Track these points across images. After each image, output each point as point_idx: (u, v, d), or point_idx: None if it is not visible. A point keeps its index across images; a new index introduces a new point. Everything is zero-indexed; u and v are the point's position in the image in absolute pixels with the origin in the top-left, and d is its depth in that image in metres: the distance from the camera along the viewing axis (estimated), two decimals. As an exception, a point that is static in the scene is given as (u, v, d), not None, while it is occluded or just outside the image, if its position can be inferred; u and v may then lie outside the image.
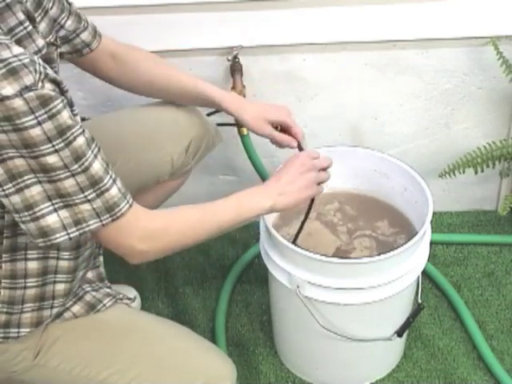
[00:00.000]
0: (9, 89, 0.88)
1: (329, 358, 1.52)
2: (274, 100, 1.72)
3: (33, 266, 1.13)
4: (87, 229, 1.01)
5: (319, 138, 1.79)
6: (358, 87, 1.72)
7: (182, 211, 1.15)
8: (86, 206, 0.99)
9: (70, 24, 1.29)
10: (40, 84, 0.91)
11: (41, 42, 1.04)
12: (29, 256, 1.12)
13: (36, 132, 0.91)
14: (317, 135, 1.79)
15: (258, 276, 1.79)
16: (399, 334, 1.43)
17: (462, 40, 1.63)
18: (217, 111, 1.54)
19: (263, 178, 1.71)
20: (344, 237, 1.51)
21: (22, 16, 1.01)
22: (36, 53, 1.02)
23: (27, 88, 0.89)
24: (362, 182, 1.57)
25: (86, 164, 0.98)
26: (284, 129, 1.40)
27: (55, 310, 1.20)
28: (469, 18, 1.59)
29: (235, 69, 1.62)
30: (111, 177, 1.02)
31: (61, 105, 0.94)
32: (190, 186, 1.75)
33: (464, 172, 1.71)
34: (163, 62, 1.43)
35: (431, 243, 1.43)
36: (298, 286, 1.34)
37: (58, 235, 1.00)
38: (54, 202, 0.98)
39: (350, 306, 1.34)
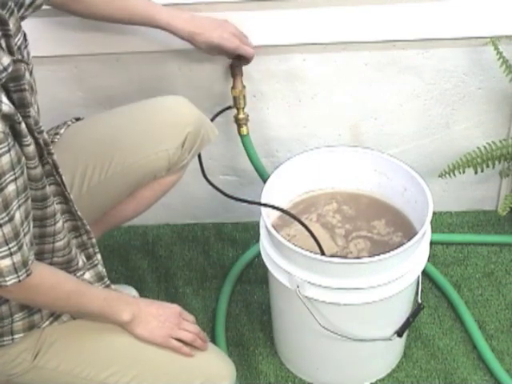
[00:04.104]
0: None
1: (329, 358, 1.52)
2: (273, 100, 1.73)
3: None
4: (3, 284, 1.01)
5: (319, 138, 1.79)
6: (358, 87, 1.72)
7: (58, 288, 1.14)
8: (7, 261, 0.99)
9: None
10: None
11: (6, 61, 0.99)
12: None
13: None
14: (317, 135, 1.79)
15: (257, 276, 1.79)
16: (399, 334, 1.43)
17: (461, 40, 1.63)
18: (227, 108, 1.61)
19: (263, 177, 1.71)
20: (341, 241, 1.51)
21: None
22: (1, 72, 0.98)
23: None
24: (362, 181, 1.57)
25: (12, 213, 0.97)
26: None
27: (45, 312, 1.20)
28: (469, 18, 1.59)
29: (235, 69, 1.62)
30: (24, 230, 1.02)
31: (5, 148, 0.93)
32: (190, 185, 1.75)
33: (464, 172, 1.71)
34: None
35: (431, 243, 1.43)
36: (298, 286, 1.34)
37: None
38: None
39: (349, 305, 1.34)
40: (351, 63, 1.67)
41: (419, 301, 1.45)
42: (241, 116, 1.65)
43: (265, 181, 1.47)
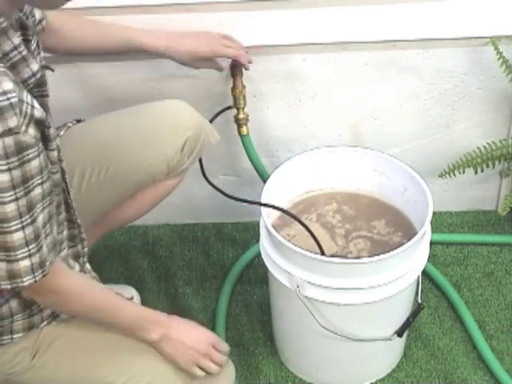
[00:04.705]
0: None
1: (329, 358, 1.52)
2: (273, 100, 1.73)
3: None
4: (21, 285, 1.02)
5: (319, 138, 1.79)
6: (358, 87, 1.72)
7: (91, 298, 1.17)
8: (26, 262, 1.00)
9: (39, 13, 1.30)
10: (23, 128, 0.91)
11: (35, 67, 1.01)
12: None
13: (4, 178, 0.91)
14: (317, 135, 1.79)
15: (257, 276, 1.79)
16: (399, 334, 1.43)
17: (462, 40, 1.63)
18: (227, 108, 1.61)
19: (263, 177, 1.71)
20: (341, 241, 1.51)
21: (17, 40, 0.98)
22: (30, 77, 1.00)
23: (10, 131, 0.89)
24: (362, 181, 1.57)
25: (35, 215, 0.98)
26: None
27: (46, 313, 1.21)
28: (469, 18, 1.59)
29: (235, 69, 1.62)
30: (45, 232, 1.03)
31: (35, 153, 0.95)
32: (191, 186, 1.75)
33: (464, 172, 1.71)
34: (96, 24, 1.47)
35: (431, 243, 1.43)
36: (298, 286, 1.34)
37: None
38: None
39: (349, 305, 1.34)
40: (351, 63, 1.67)
41: (419, 301, 1.45)
42: (241, 116, 1.65)
43: (265, 181, 1.47)
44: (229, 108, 1.65)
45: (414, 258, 1.36)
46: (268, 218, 1.38)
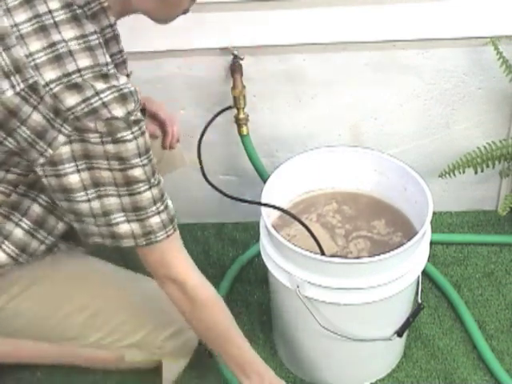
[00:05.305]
0: (119, 111, 1.02)
1: (329, 358, 1.52)
2: (273, 100, 1.73)
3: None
4: (154, 240, 1.12)
5: (319, 138, 1.79)
6: (358, 87, 1.72)
7: (225, 314, 1.26)
8: (156, 219, 1.11)
9: None
10: (135, 112, 1.05)
11: (129, 69, 1.20)
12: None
13: (132, 146, 1.04)
14: (317, 135, 1.79)
15: (257, 276, 1.79)
16: (399, 334, 1.43)
17: (462, 40, 1.63)
18: (227, 108, 1.61)
19: (263, 177, 1.71)
20: (341, 241, 1.51)
21: (121, 46, 1.15)
22: (127, 77, 1.14)
23: (129, 113, 1.03)
24: (362, 181, 1.57)
25: (158, 178, 1.11)
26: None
27: (43, 248, 1.24)
28: (469, 18, 1.59)
29: (235, 69, 1.62)
30: (166, 193, 1.15)
31: (145, 127, 1.08)
32: (191, 186, 1.75)
33: (464, 172, 1.71)
34: None
35: (431, 243, 1.43)
36: (298, 286, 1.34)
37: (126, 241, 1.12)
38: (128, 214, 1.09)
39: (349, 305, 1.34)
40: (351, 63, 1.68)
41: (419, 301, 1.45)
42: (241, 116, 1.65)
43: (265, 181, 1.47)
44: (229, 108, 1.66)
45: (413, 258, 1.36)
46: (268, 217, 1.38)
